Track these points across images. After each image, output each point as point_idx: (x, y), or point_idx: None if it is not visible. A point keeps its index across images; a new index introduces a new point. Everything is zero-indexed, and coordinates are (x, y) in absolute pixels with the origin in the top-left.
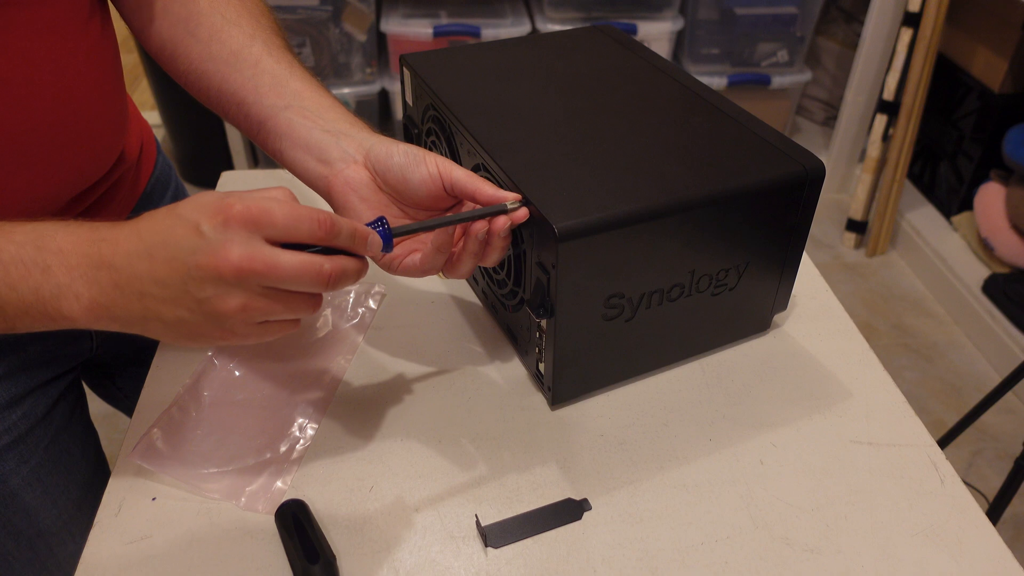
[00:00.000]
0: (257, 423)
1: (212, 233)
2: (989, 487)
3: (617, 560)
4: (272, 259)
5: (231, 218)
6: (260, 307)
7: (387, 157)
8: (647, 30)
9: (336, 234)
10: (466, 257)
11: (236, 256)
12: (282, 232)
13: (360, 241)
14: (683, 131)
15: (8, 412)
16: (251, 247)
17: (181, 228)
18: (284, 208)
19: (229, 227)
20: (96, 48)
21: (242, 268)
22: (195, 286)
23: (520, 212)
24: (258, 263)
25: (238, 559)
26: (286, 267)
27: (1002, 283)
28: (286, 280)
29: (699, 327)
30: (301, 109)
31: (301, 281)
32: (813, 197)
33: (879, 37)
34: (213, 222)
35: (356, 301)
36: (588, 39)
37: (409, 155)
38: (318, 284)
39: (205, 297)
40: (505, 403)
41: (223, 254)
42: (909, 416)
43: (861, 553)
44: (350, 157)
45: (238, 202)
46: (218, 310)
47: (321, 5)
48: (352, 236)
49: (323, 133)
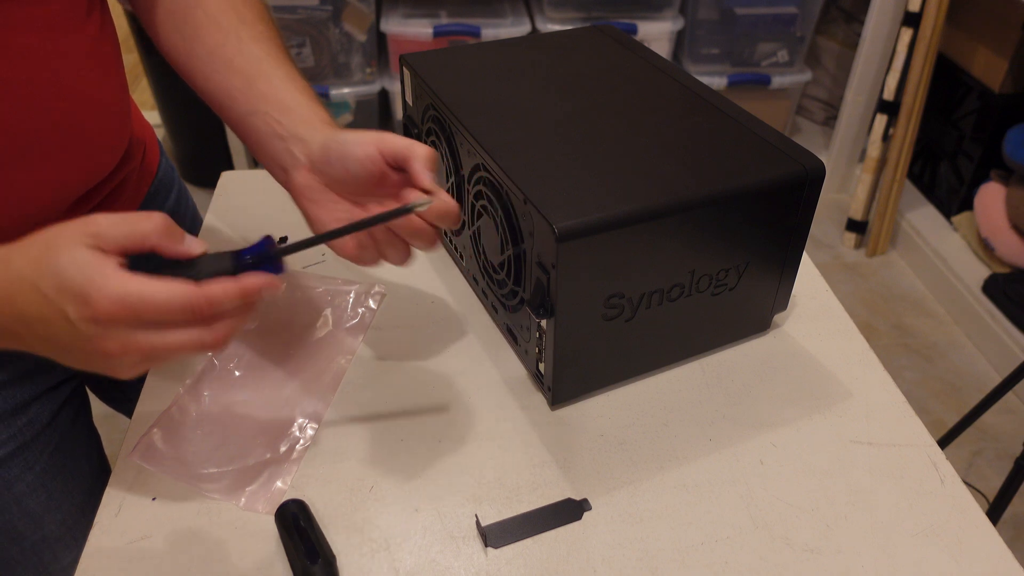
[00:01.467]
0: (257, 423)
1: (81, 325)
2: (989, 487)
3: (617, 560)
4: (149, 346)
5: (98, 316)
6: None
7: (324, 153)
8: (647, 30)
9: (218, 314)
10: (390, 251)
11: (114, 348)
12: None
13: (252, 299)
14: (683, 131)
15: (13, 419)
16: (126, 339)
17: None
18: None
19: (99, 323)
20: (96, 45)
21: (118, 354)
22: (82, 357)
23: (428, 211)
24: (134, 352)
25: (238, 559)
26: (165, 349)
27: (1002, 283)
28: (168, 358)
29: (699, 327)
30: (264, 115)
31: (187, 351)
32: (813, 197)
33: (879, 37)
34: (80, 314)
35: (356, 301)
36: (588, 39)
37: (343, 142)
38: (203, 350)
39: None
40: (505, 403)
41: (99, 345)
42: (909, 416)
43: (861, 553)
44: (298, 163)
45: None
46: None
47: (321, 5)
48: (241, 297)
49: (279, 141)
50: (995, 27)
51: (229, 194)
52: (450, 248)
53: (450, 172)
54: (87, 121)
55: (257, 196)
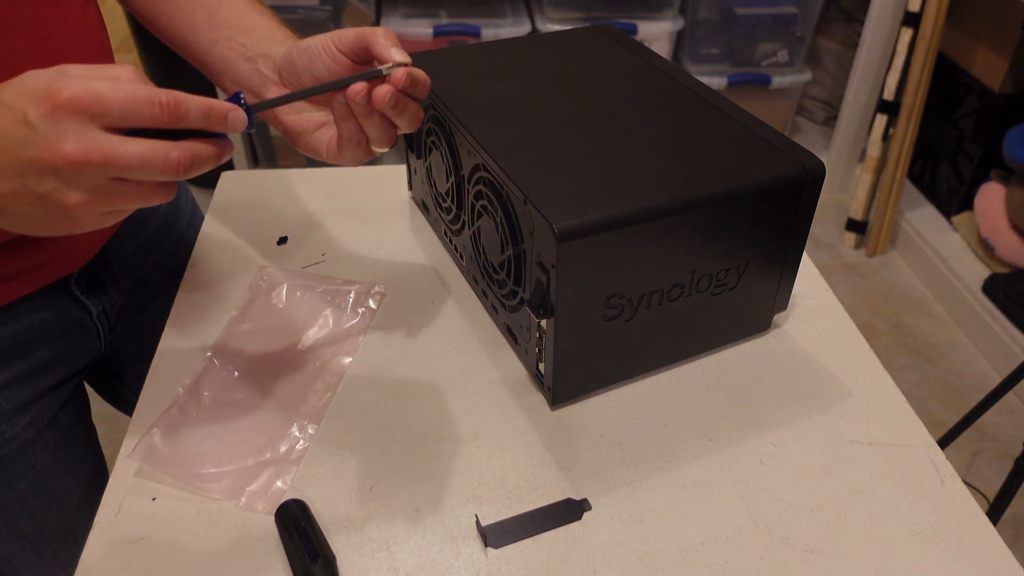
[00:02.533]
0: (257, 423)
1: (41, 124)
2: (989, 487)
3: (617, 560)
4: (110, 149)
5: (59, 106)
6: (104, 200)
7: (290, 62)
8: (647, 30)
9: (183, 115)
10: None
11: (70, 149)
12: (118, 118)
13: (218, 119)
14: (683, 131)
15: (16, 418)
16: (85, 138)
17: (7, 118)
18: (119, 91)
19: (58, 117)
20: (81, 15)
21: (77, 161)
22: (33, 181)
23: (398, 73)
24: (94, 155)
25: (238, 559)
26: (126, 157)
27: (1002, 283)
28: (129, 171)
29: (699, 327)
30: (228, 40)
31: (146, 171)
32: (813, 197)
33: (879, 37)
34: (40, 110)
35: (356, 301)
36: (588, 39)
37: (305, 47)
38: (166, 173)
39: (45, 192)
40: (505, 403)
41: (55, 147)
42: (909, 416)
43: (861, 553)
44: (269, 80)
45: (67, 87)
46: (61, 204)
47: (321, 5)
48: (206, 115)
49: (246, 63)
50: (995, 27)
51: (229, 194)
52: (450, 248)
53: (450, 172)
54: None
55: (257, 196)
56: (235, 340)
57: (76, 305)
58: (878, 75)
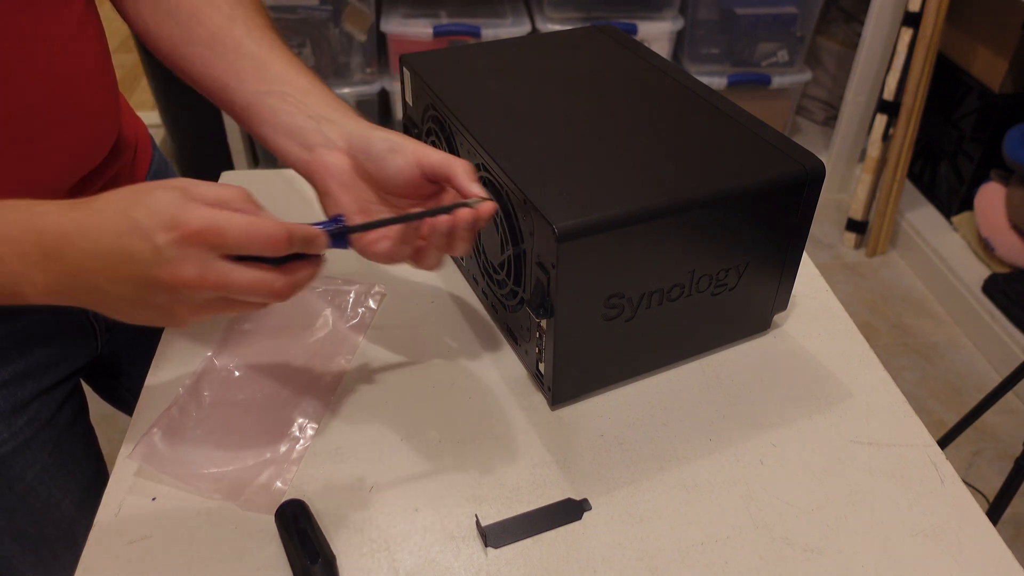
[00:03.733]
0: (257, 423)
1: (167, 249)
2: (989, 487)
3: (617, 560)
4: (224, 277)
5: (186, 236)
6: (209, 313)
7: (367, 145)
8: (647, 30)
9: (290, 247)
10: (432, 250)
11: (190, 274)
12: (235, 248)
13: (317, 246)
14: (683, 131)
15: (14, 417)
16: (204, 266)
17: (136, 239)
18: (237, 226)
19: (183, 245)
20: (81, 27)
21: (194, 285)
22: (150, 293)
23: (486, 207)
24: (210, 281)
25: (238, 559)
26: (237, 284)
27: (1002, 283)
28: (238, 294)
29: (699, 327)
30: (282, 95)
31: (253, 295)
32: (813, 197)
33: (879, 37)
34: (168, 237)
35: (356, 301)
36: (588, 39)
37: (388, 144)
38: (270, 297)
39: (159, 303)
40: (505, 403)
41: (177, 271)
42: (909, 416)
43: (861, 553)
44: (331, 143)
45: (193, 218)
46: (170, 312)
47: (321, 5)
48: (307, 242)
49: (305, 119)
50: (995, 27)
51: None
52: None
53: None
54: (74, 100)
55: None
56: (235, 340)
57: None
58: (878, 75)
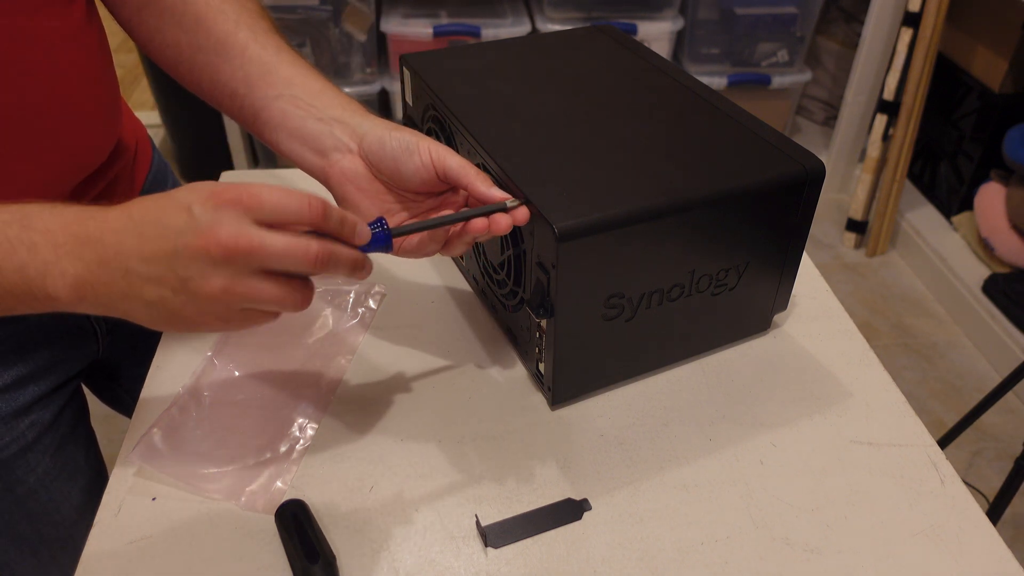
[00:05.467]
0: (257, 423)
1: (202, 214)
2: (989, 487)
3: (617, 560)
4: (259, 238)
5: (221, 200)
6: (243, 291)
7: (380, 146)
8: (647, 30)
9: (326, 218)
10: (460, 244)
11: (224, 235)
12: (271, 214)
13: (349, 228)
14: (683, 131)
15: (16, 421)
16: (239, 227)
17: (173, 209)
18: (274, 192)
19: (219, 207)
20: (82, 27)
21: (228, 246)
22: (181, 264)
23: (521, 211)
24: (244, 241)
25: (238, 559)
26: (272, 246)
27: (1002, 283)
28: (272, 259)
29: (699, 327)
30: (293, 98)
31: (288, 260)
32: (813, 197)
33: (879, 37)
34: (205, 204)
35: (356, 301)
36: (588, 39)
37: (402, 143)
38: (305, 264)
39: (189, 276)
40: (505, 403)
41: (211, 233)
42: (909, 416)
43: (861, 553)
44: (345, 146)
45: (231, 188)
46: (201, 290)
47: (321, 5)
48: (341, 222)
49: (317, 122)
50: (995, 27)
51: None
52: None
53: None
54: (75, 103)
55: None
56: (235, 340)
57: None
58: (878, 75)
